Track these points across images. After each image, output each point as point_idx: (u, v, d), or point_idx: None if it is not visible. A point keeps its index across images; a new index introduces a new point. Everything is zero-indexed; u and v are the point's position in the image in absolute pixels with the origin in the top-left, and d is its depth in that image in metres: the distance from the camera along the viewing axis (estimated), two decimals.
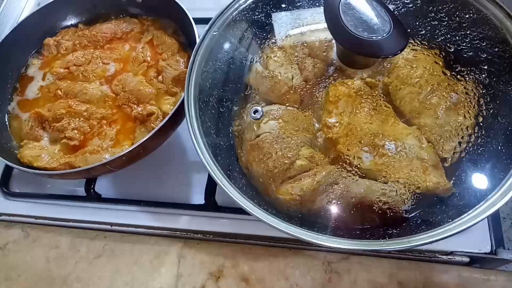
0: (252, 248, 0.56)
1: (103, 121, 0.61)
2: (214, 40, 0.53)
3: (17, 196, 0.66)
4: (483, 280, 0.51)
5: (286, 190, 0.46)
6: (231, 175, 0.47)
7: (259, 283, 0.54)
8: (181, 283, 0.56)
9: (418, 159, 0.44)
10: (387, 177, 0.44)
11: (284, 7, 0.54)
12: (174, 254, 0.58)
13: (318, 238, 0.41)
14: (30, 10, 0.86)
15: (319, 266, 0.54)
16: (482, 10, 0.48)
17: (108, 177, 0.66)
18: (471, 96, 0.46)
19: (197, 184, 0.62)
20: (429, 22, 0.49)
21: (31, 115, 0.62)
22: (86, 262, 0.59)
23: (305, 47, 0.52)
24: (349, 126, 0.46)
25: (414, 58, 0.48)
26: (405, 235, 0.41)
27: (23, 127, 0.63)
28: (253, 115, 0.49)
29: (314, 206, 0.46)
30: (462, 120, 0.45)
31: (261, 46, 0.54)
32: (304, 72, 0.51)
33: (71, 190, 0.65)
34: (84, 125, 0.60)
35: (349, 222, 0.45)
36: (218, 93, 0.53)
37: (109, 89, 0.64)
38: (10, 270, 0.61)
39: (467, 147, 0.45)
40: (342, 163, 0.46)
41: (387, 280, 0.52)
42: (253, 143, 0.48)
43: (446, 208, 0.44)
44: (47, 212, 0.64)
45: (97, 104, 0.62)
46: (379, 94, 0.48)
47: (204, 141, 0.47)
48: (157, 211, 0.60)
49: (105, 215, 0.62)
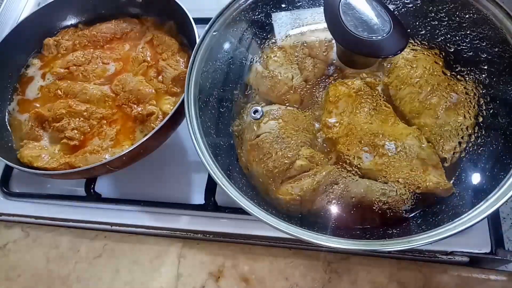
0: (252, 248, 0.56)
1: (103, 121, 0.61)
2: (214, 40, 0.53)
3: (17, 196, 0.66)
4: (483, 280, 0.51)
5: (286, 190, 0.46)
6: (231, 175, 0.47)
7: (259, 283, 0.54)
8: (181, 283, 0.56)
9: (418, 159, 0.44)
10: (387, 177, 0.44)
11: (284, 7, 0.54)
12: (174, 254, 0.58)
13: (318, 238, 0.41)
14: (30, 10, 0.86)
15: (319, 266, 0.54)
16: (482, 10, 0.48)
17: (108, 177, 0.66)
18: (471, 96, 0.46)
19: (197, 184, 0.62)
20: (429, 22, 0.49)
21: (31, 115, 0.62)
22: (86, 262, 0.59)
23: (305, 47, 0.52)
24: (349, 126, 0.46)
25: (414, 58, 0.48)
26: (405, 235, 0.41)
27: (23, 127, 0.63)
28: (253, 115, 0.49)
29: (314, 206, 0.46)
30: (462, 120, 0.45)
31: (261, 46, 0.54)
32: (304, 72, 0.51)
33: (71, 190, 0.65)
34: (84, 125, 0.60)
35: (349, 222, 0.45)
36: (218, 93, 0.53)
37: (109, 89, 0.64)
38: (10, 270, 0.61)
39: (467, 147, 0.45)
40: (342, 163, 0.46)
41: (387, 280, 0.52)
42: (253, 143, 0.48)
43: (446, 208, 0.44)
44: (47, 212, 0.64)
45: (97, 104, 0.63)
46: (379, 94, 0.48)
47: (204, 141, 0.47)
48: (157, 211, 0.60)
49: (105, 215, 0.62)
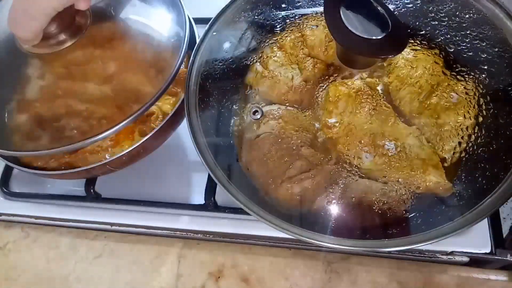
0: (252, 248, 0.57)
1: (102, 121, 0.61)
2: (214, 40, 0.53)
3: (17, 196, 0.66)
4: (483, 280, 0.51)
5: (286, 190, 0.46)
6: (231, 175, 0.47)
7: (259, 283, 0.54)
8: (181, 283, 0.56)
9: (418, 159, 0.44)
10: (387, 177, 0.44)
11: (284, 7, 0.54)
12: (174, 254, 0.58)
13: (318, 238, 0.41)
14: None
15: (319, 266, 0.54)
16: (482, 10, 0.48)
17: (108, 177, 0.66)
18: (471, 96, 0.46)
19: (197, 184, 0.62)
20: (429, 22, 0.49)
21: (30, 114, 0.62)
22: (86, 262, 0.59)
23: (305, 47, 0.52)
24: (349, 126, 0.46)
25: (414, 58, 0.48)
26: (405, 235, 0.41)
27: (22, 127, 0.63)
28: (253, 115, 0.49)
29: (314, 206, 0.46)
30: (462, 120, 0.45)
31: (261, 46, 0.54)
32: (304, 72, 0.51)
33: (71, 190, 0.65)
34: (83, 124, 0.60)
35: (349, 222, 0.45)
36: (218, 93, 0.53)
37: (109, 88, 0.64)
38: (10, 270, 0.61)
39: (467, 147, 0.45)
40: (342, 163, 0.46)
41: (387, 280, 0.52)
42: (253, 143, 0.48)
43: (446, 208, 0.44)
44: (47, 212, 0.64)
45: (97, 103, 0.62)
46: (379, 94, 0.48)
47: (204, 141, 0.48)
48: (157, 211, 0.60)
49: (105, 215, 0.62)
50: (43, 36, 0.54)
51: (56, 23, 0.53)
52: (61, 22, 0.53)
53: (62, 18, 0.53)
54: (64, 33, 0.55)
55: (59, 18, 0.51)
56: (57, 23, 0.53)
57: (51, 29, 0.53)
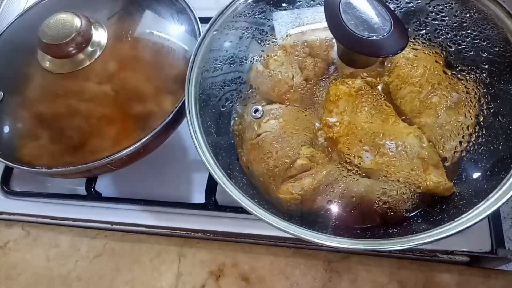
0: (252, 247, 0.57)
1: (103, 120, 0.61)
2: (214, 40, 0.53)
3: (17, 195, 0.66)
4: (483, 279, 0.51)
5: (286, 189, 0.46)
6: (232, 174, 0.47)
7: (259, 282, 0.54)
8: (182, 282, 0.56)
9: (418, 159, 0.44)
10: (387, 176, 0.44)
11: (284, 6, 0.54)
12: (174, 253, 0.58)
13: (318, 238, 0.41)
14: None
15: (319, 265, 0.54)
16: (483, 9, 0.48)
17: (108, 176, 0.66)
18: (472, 95, 0.46)
19: (198, 183, 0.62)
20: (430, 21, 0.49)
21: (30, 114, 0.62)
22: (87, 261, 0.59)
23: (306, 46, 0.51)
24: (350, 125, 0.46)
25: (415, 57, 0.48)
26: (405, 234, 0.41)
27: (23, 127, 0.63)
28: (254, 115, 0.49)
29: (315, 205, 0.46)
30: (463, 119, 0.45)
31: (261, 45, 0.54)
32: (304, 71, 0.51)
33: (72, 189, 0.65)
34: (84, 124, 0.60)
35: (349, 221, 0.45)
36: (218, 93, 0.53)
37: (109, 88, 0.64)
38: (11, 269, 0.61)
39: (468, 147, 0.45)
40: (343, 162, 0.46)
41: (387, 279, 0.52)
42: (254, 142, 0.48)
43: (446, 208, 0.44)
44: (48, 211, 0.64)
45: (97, 103, 0.62)
46: (380, 94, 0.48)
47: (205, 140, 0.48)
48: (158, 210, 0.60)
49: (105, 214, 0.62)
50: (62, 55, 0.55)
51: (74, 43, 0.54)
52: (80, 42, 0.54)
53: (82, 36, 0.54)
54: (82, 53, 0.56)
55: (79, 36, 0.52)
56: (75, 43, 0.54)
57: (69, 49, 0.54)
